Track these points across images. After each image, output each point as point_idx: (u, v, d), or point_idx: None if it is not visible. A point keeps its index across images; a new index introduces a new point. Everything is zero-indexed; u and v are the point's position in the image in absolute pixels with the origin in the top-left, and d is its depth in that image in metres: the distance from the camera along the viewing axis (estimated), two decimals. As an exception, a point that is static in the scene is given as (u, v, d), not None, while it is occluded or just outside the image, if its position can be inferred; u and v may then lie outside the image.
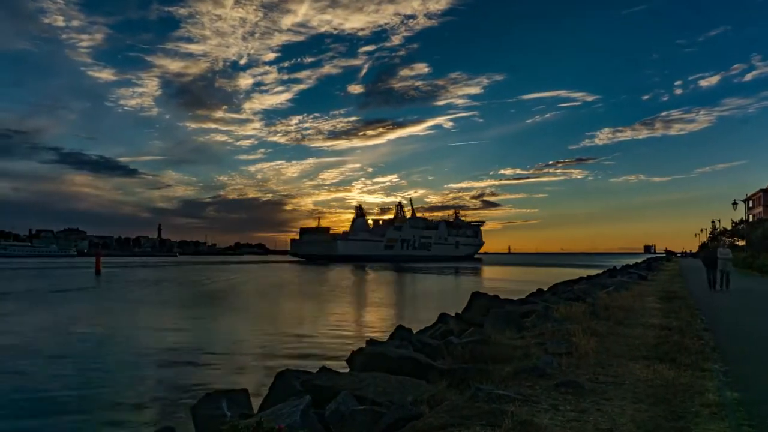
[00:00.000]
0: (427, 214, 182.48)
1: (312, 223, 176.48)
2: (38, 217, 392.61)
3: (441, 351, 9.15)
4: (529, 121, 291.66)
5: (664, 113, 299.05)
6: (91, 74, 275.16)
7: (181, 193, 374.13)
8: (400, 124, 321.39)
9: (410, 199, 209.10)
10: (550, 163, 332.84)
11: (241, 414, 5.89)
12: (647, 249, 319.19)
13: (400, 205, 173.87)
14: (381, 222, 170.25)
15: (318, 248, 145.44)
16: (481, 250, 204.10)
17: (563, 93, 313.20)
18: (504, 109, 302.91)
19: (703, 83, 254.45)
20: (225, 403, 6.25)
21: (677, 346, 8.68)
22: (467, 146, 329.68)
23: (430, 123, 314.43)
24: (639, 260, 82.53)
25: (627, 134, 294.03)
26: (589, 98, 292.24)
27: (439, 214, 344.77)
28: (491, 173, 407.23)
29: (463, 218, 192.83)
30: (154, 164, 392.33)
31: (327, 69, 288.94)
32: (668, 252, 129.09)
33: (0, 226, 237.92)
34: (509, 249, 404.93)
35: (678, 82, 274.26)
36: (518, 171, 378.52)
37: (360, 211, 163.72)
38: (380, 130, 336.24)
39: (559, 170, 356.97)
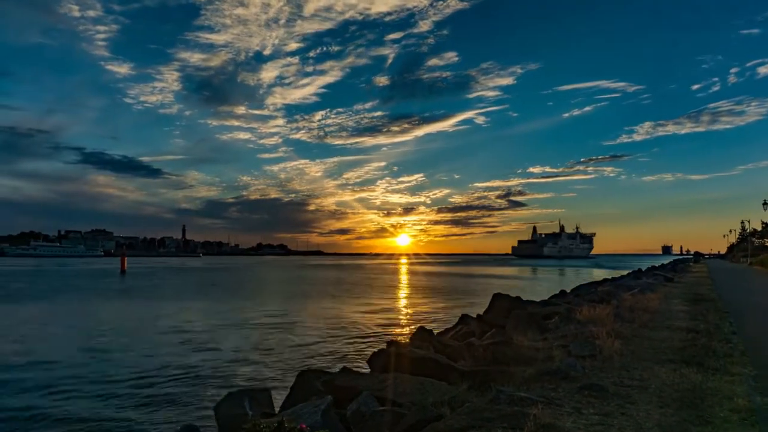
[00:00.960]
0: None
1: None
2: (67, 217, 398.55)
3: (462, 352, 9.11)
4: (565, 114, 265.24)
5: (712, 105, 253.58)
6: (110, 69, 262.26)
7: (204, 193, 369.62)
8: (426, 120, 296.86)
9: (561, 223, 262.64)
10: (582, 160, 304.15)
11: (263, 413, 5.93)
12: (665, 250, 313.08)
13: (561, 226, 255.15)
14: (543, 234, 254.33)
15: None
16: (496, 252, 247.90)
17: (604, 83, 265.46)
18: (539, 101, 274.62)
19: (763, 70, 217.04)
20: (247, 402, 6.30)
21: (705, 349, 8.49)
22: (496, 143, 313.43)
23: (459, 118, 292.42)
24: (663, 262, 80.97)
25: (669, 129, 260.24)
26: (632, 89, 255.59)
27: (463, 214, 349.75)
28: (519, 171, 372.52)
29: (577, 230, 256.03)
30: (176, 164, 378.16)
31: (351, 59, 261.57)
32: (697, 254, 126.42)
33: (30, 227, 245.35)
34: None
35: (734, 70, 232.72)
36: (547, 169, 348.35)
37: (534, 230, 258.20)
38: (405, 125, 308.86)
39: (590, 168, 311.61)
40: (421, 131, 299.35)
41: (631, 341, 9.31)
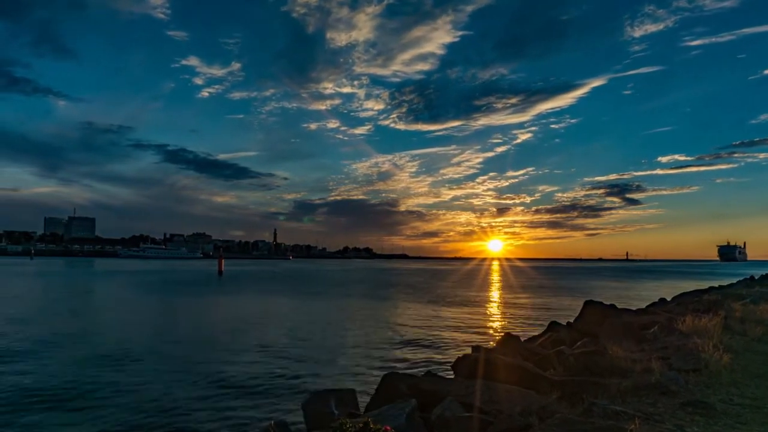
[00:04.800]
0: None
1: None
2: (172, 220, 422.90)
3: (551, 361, 8.78)
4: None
5: None
6: (186, 62, 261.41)
7: (292, 196, 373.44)
8: (539, 92, 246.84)
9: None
10: (734, 143, 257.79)
11: (348, 413, 6.05)
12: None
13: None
14: None
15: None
16: (596, 256, 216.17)
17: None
18: (696, 63, 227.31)
19: None
20: (333, 402, 6.45)
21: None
22: (622, 123, 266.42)
23: (582, 90, 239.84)
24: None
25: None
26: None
27: (562, 215, 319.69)
28: (644, 161, 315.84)
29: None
30: (261, 161, 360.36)
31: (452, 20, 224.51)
32: None
33: (139, 230, 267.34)
34: (627, 255, 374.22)
35: None
36: (678, 157, 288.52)
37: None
38: (513, 100, 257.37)
39: (737, 154, 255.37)
40: (526, 114, 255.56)
41: (742, 356, 8.52)
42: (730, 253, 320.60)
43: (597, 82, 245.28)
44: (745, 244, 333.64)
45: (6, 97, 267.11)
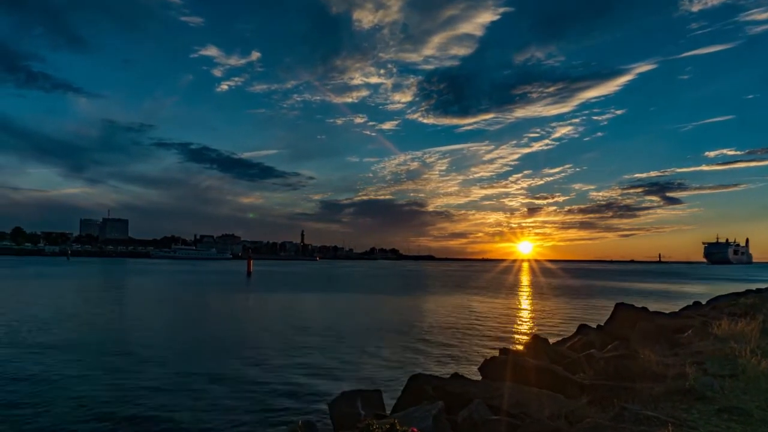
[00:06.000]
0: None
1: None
2: (201, 221, 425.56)
3: (581, 364, 8.64)
4: None
5: None
6: (203, 52, 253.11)
7: (318, 196, 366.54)
8: (580, 79, 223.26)
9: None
10: None
11: (375, 414, 6.06)
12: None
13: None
14: None
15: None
16: (628, 258, 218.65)
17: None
18: (763, 42, 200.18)
19: None
20: (360, 402, 6.48)
21: None
22: (671, 113, 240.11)
23: (627, 77, 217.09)
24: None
25: None
26: None
27: (595, 215, 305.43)
28: (689, 157, 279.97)
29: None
30: (285, 160, 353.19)
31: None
32: None
33: (169, 231, 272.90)
34: (660, 257, 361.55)
35: None
36: (727, 152, 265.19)
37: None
38: (551, 88, 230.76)
39: None
40: (563, 106, 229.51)
41: (782, 361, 8.22)
42: (720, 252, 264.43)
43: (645, 67, 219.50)
44: (747, 241, 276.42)
45: (26, 94, 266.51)
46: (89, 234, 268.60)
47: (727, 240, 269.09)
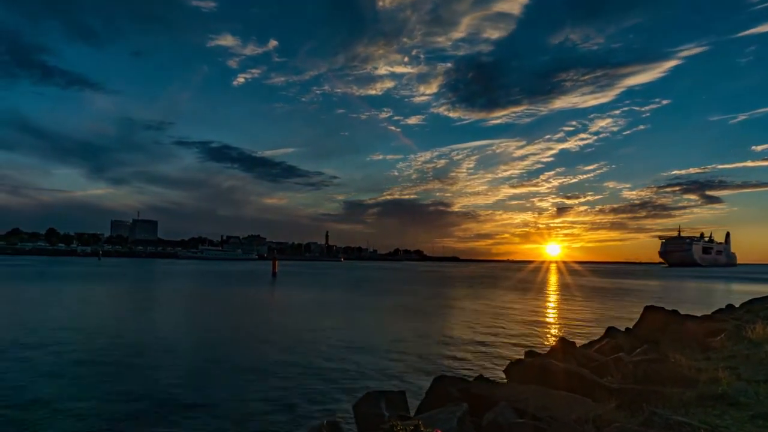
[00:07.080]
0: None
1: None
2: (226, 222, 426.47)
3: (609, 368, 8.50)
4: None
5: None
6: (218, 41, 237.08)
7: (342, 196, 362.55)
8: (617, 66, 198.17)
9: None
10: None
11: (399, 415, 6.05)
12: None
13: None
14: None
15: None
16: (657, 260, 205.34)
17: None
18: None
19: None
20: (384, 403, 6.48)
21: None
22: (719, 102, 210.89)
23: (673, 62, 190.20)
24: None
25: None
26: None
27: (627, 215, 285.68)
28: (733, 152, 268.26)
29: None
30: (307, 157, 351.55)
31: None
32: None
33: (197, 232, 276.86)
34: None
35: None
36: None
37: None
38: (586, 76, 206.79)
39: None
40: (604, 96, 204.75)
41: (821, 367, 7.94)
42: (680, 251, 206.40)
43: (695, 49, 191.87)
44: (728, 236, 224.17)
45: (43, 91, 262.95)
46: (120, 235, 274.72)
47: (701, 235, 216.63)
